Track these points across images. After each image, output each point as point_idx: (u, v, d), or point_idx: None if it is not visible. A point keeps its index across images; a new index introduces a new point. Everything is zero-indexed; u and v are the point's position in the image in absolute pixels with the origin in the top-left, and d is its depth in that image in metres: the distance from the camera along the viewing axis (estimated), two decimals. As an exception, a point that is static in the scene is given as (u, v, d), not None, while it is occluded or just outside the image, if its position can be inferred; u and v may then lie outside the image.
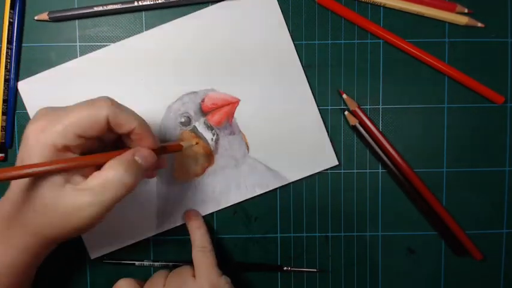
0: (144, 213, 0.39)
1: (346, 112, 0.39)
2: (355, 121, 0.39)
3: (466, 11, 0.38)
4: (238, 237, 0.40)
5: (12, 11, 0.37)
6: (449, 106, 0.40)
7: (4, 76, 0.37)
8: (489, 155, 0.40)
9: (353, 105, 0.39)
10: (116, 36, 0.39)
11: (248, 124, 0.39)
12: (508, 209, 0.40)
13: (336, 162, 0.39)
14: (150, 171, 0.33)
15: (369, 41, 0.39)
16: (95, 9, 0.38)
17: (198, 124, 0.39)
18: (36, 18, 0.38)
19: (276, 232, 0.40)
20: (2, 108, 0.38)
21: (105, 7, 0.38)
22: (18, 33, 0.38)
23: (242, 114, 0.39)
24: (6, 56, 0.37)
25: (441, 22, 0.39)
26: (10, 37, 0.38)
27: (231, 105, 0.39)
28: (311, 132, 0.39)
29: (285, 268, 0.40)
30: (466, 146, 0.40)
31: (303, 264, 0.40)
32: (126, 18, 0.39)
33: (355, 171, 0.40)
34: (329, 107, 0.39)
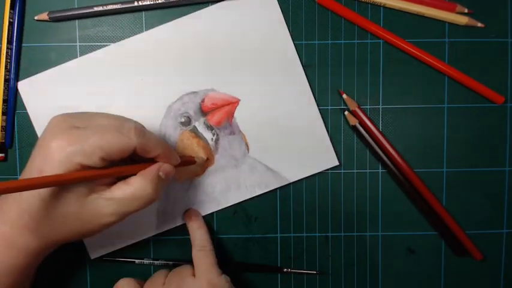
0: (144, 213, 0.39)
1: (346, 112, 0.39)
2: (355, 121, 0.39)
3: (466, 11, 0.38)
4: (238, 237, 0.40)
5: (12, 11, 0.37)
6: (449, 106, 0.40)
7: (4, 76, 0.37)
8: (489, 155, 0.40)
9: (353, 105, 0.39)
10: (116, 36, 0.39)
11: (248, 124, 0.39)
12: (508, 209, 0.40)
13: (336, 162, 0.39)
14: None
15: (369, 41, 0.39)
16: (95, 9, 0.38)
17: (198, 124, 0.39)
18: (36, 18, 0.38)
19: (276, 232, 0.40)
20: (2, 108, 0.38)
21: (105, 7, 0.38)
22: (18, 33, 0.38)
23: (242, 114, 0.39)
24: (6, 56, 0.37)
25: (441, 22, 0.39)
26: (10, 37, 0.38)
27: (231, 105, 0.39)
28: (311, 132, 0.39)
29: (285, 270, 0.40)
30: (466, 146, 0.40)
31: (303, 264, 0.40)
32: (126, 18, 0.39)
33: (355, 171, 0.40)
34: (329, 107, 0.39)
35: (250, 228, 0.40)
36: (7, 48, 0.37)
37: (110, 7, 0.38)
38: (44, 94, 0.38)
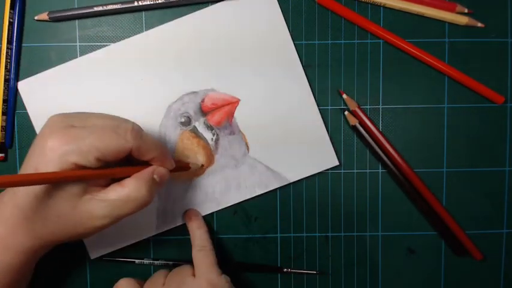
0: (144, 213, 0.39)
1: (346, 112, 0.39)
2: (355, 121, 0.39)
3: (466, 11, 0.38)
4: (238, 237, 0.40)
5: (12, 11, 0.37)
6: (449, 106, 0.40)
7: (4, 76, 0.37)
8: (489, 155, 0.40)
9: (353, 105, 0.39)
10: (116, 36, 0.39)
11: (248, 124, 0.39)
12: (508, 209, 0.40)
13: (337, 162, 0.39)
14: None
15: (369, 41, 0.39)
16: (95, 9, 0.38)
17: (198, 124, 0.39)
18: (36, 18, 0.38)
19: (276, 232, 0.40)
20: (2, 108, 0.38)
21: (105, 7, 0.38)
22: (18, 33, 0.38)
23: (242, 114, 0.39)
24: (6, 56, 0.37)
25: (441, 22, 0.39)
26: (10, 37, 0.38)
27: (231, 105, 0.39)
28: (311, 132, 0.39)
29: (285, 270, 0.40)
30: (466, 146, 0.40)
31: (303, 264, 0.40)
32: (126, 18, 0.39)
33: (355, 171, 0.40)
34: (329, 107, 0.39)
35: (250, 228, 0.40)
36: (7, 48, 0.37)
37: (110, 7, 0.38)
38: (44, 94, 0.38)
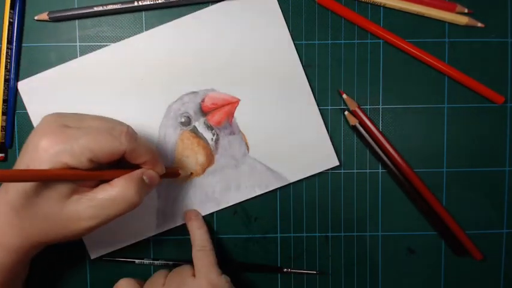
0: (144, 213, 0.39)
1: (346, 112, 0.39)
2: (355, 121, 0.39)
3: (466, 11, 0.38)
4: (238, 237, 0.40)
5: (12, 11, 0.37)
6: (449, 106, 0.40)
7: (4, 76, 0.37)
8: (489, 155, 0.40)
9: (353, 105, 0.39)
10: (116, 36, 0.39)
11: (248, 124, 0.39)
12: (508, 209, 0.40)
13: (337, 162, 0.39)
14: None
15: (369, 41, 0.39)
16: (95, 9, 0.38)
17: (198, 124, 0.39)
18: (36, 18, 0.38)
19: (276, 232, 0.40)
20: (2, 108, 0.38)
21: (105, 7, 0.38)
22: (18, 33, 0.38)
23: (242, 114, 0.39)
24: (6, 56, 0.37)
25: (441, 22, 0.39)
26: (10, 37, 0.38)
27: (231, 105, 0.39)
28: (311, 132, 0.39)
29: (285, 270, 0.40)
30: (466, 146, 0.40)
31: (303, 264, 0.40)
32: (126, 18, 0.39)
33: (355, 171, 0.40)
34: (329, 107, 0.39)
35: (250, 228, 0.40)
36: (7, 48, 0.37)
37: (110, 7, 0.38)
38: (44, 94, 0.38)
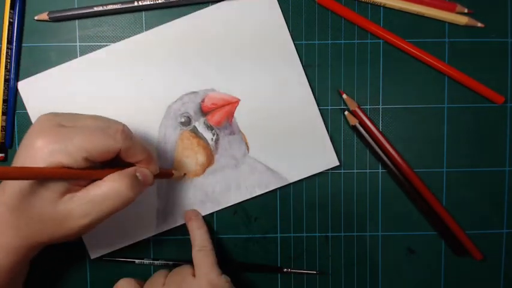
0: (144, 213, 0.39)
1: (346, 112, 0.39)
2: (355, 121, 0.39)
3: (466, 11, 0.38)
4: (238, 237, 0.40)
5: (12, 11, 0.37)
6: (449, 106, 0.40)
7: (4, 76, 0.37)
8: (489, 155, 0.40)
9: (353, 105, 0.39)
10: (116, 36, 0.39)
11: (248, 124, 0.39)
12: (508, 209, 0.40)
13: (337, 162, 0.39)
14: None
15: (369, 41, 0.39)
16: (95, 9, 0.38)
17: (198, 124, 0.39)
18: (36, 18, 0.38)
19: (276, 232, 0.40)
20: (2, 108, 0.38)
21: (105, 7, 0.38)
22: (18, 33, 0.38)
23: (242, 114, 0.39)
24: (6, 56, 0.37)
25: (441, 22, 0.39)
26: (10, 37, 0.38)
27: (231, 105, 0.39)
28: (311, 132, 0.39)
29: (285, 270, 0.40)
30: (466, 146, 0.40)
31: (303, 264, 0.40)
32: (126, 18, 0.39)
33: (355, 171, 0.40)
34: (329, 107, 0.39)
35: (250, 228, 0.40)
36: (7, 48, 0.37)
37: (110, 7, 0.38)
38: (44, 94, 0.38)
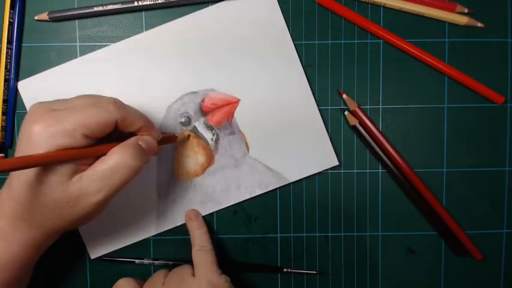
0: (144, 213, 0.39)
1: (346, 112, 0.39)
2: (355, 121, 0.39)
3: (466, 11, 0.38)
4: (238, 237, 0.40)
5: (12, 11, 0.37)
6: (449, 106, 0.40)
7: (4, 76, 0.37)
8: (489, 155, 0.40)
9: (353, 105, 0.39)
10: (116, 36, 0.39)
11: (248, 124, 0.39)
12: (508, 209, 0.40)
13: (336, 162, 0.39)
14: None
15: (369, 41, 0.39)
16: (95, 9, 0.38)
17: (198, 124, 0.39)
18: (36, 18, 0.38)
19: (276, 232, 0.40)
20: (2, 108, 0.38)
21: (105, 7, 0.38)
22: (18, 33, 0.38)
23: (242, 114, 0.39)
24: (6, 56, 0.37)
25: (441, 22, 0.39)
26: (10, 37, 0.38)
27: (231, 105, 0.39)
28: (311, 132, 0.39)
29: (285, 270, 0.40)
30: (466, 146, 0.40)
31: (303, 264, 0.40)
32: (126, 18, 0.39)
33: (355, 171, 0.40)
34: (329, 107, 0.39)
35: (250, 228, 0.40)
36: (7, 48, 0.37)
37: (110, 7, 0.38)
38: (44, 94, 0.38)
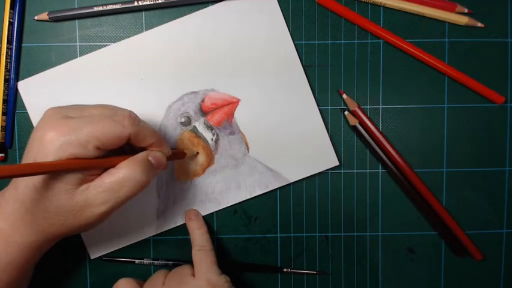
0: (144, 213, 0.39)
1: (346, 112, 0.39)
2: (355, 121, 0.39)
3: (466, 11, 0.38)
4: (238, 237, 0.40)
5: (12, 11, 0.37)
6: (449, 106, 0.40)
7: (4, 76, 0.37)
8: (489, 155, 0.40)
9: (353, 105, 0.39)
10: (116, 36, 0.39)
11: (248, 124, 0.39)
12: (508, 209, 0.40)
13: (337, 162, 0.39)
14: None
15: (369, 41, 0.39)
16: (95, 9, 0.38)
17: (198, 124, 0.39)
18: (36, 18, 0.38)
19: (276, 232, 0.40)
20: (2, 108, 0.38)
21: (105, 7, 0.38)
22: (18, 33, 0.38)
23: (242, 114, 0.39)
24: (6, 56, 0.37)
25: (441, 22, 0.39)
26: (10, 37, 0.38)
27: (231, 105, 0.39)
28: (311, 132, 0.39)
29: (285, 270, 0.40)
30: (466, 146, 0.40)
31: (303, 264, 0.40)
32: (126, 18, 0.39)
33: (355, 171, 0.40)
34: (329, 107, 0.39)
35: (250, 228, 0.40)
36: (7, 48, 0.37)
37: (110, 7, 0.38)
38: (44, 94, 0.38)
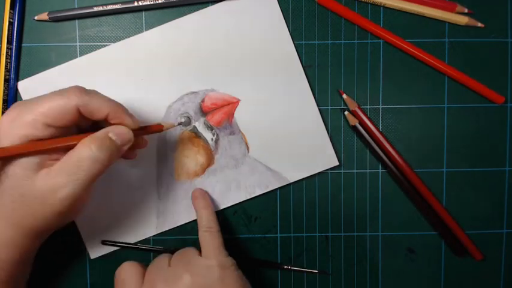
0: (144, 213, 0.39)
1: (346, 112, 0.39)
2: (355, 121, 0.39)
3: (466, 11, 0.38)
4: (238, 237, 0.40)
5: (12, 11, 0.37)
6: (449, 106, 0.40)
7: (4, 76, 0.37)
8: (489, 155, 0.40)
9: (353, 105, 0.39)
10: (116, 36, 0.39)
11: (248, 124, 0.39)
12: (508, 209, 0.40)
13: (337, 162, 0.39)
14: (130, 150, 0.32)
15: (369, 41, 0.39)
16: (95, 9, 0.38)
17: (198, 124, 0.39)
18: (36, 18, 0.38)
19: (276, 232, 0.40)
20: (2, 108, 0.38)
21: (105, 7, 0.38)
22: (18, 33, 0.38)
23: (242, 114, 0.39)
24: (6, 56, 0.37)
25: (441, 22, 0.39)
26: (10, 37, 0.38)
27: (231, 105, 0.39)
28: (311, 132, 0.39)
29: (285, 266, 0.40)
30: (466, 146, 0.40)
31: (303, 264, 0.40)
32: (126, 18, 0.39)
33: (355, 171, 0.40)
34: (329, 107, 0.39)
35: (250, 228, 0.40)
36: (7, 48, 0.37)
37: (110, 7, 0.38)
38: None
